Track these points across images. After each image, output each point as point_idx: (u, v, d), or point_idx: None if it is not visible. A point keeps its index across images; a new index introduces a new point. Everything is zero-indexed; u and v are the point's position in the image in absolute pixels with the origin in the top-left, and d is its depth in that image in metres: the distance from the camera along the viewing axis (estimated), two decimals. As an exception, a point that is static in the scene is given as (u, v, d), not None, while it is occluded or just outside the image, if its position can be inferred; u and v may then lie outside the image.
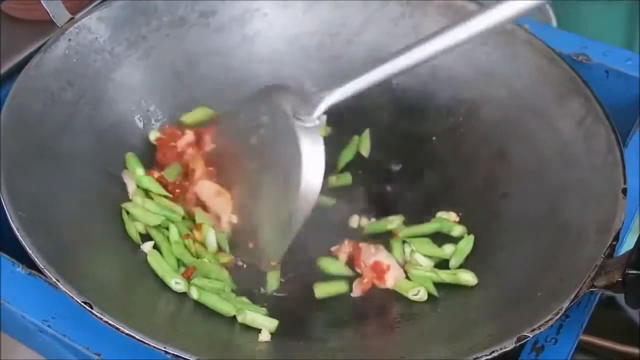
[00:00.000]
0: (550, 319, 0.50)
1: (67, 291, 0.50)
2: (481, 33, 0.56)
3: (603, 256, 0.53)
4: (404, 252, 0.65)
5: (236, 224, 0.65)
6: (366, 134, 0.74)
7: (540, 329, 0.49)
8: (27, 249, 0.52)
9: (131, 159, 0.67)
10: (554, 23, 0.98)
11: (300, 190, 0.59)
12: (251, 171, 0.65)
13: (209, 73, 0.74)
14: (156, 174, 0.66)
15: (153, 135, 0.70)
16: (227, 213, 0.65)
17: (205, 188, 0.66)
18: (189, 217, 0.65)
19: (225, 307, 0.58)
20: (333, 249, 0.66)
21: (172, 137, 0.69)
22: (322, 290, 0.63)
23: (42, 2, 0.65)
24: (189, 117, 0.72)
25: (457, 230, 0.66)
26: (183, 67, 0.73)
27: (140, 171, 0.66)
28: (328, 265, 0.65)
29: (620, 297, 0.73)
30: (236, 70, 0.74)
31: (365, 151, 0.74)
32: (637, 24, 0.98)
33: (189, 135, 0.69)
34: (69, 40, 0.66)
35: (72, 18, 0.67)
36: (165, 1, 0.71)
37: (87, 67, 0.67)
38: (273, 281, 0.63)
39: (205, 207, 0.66)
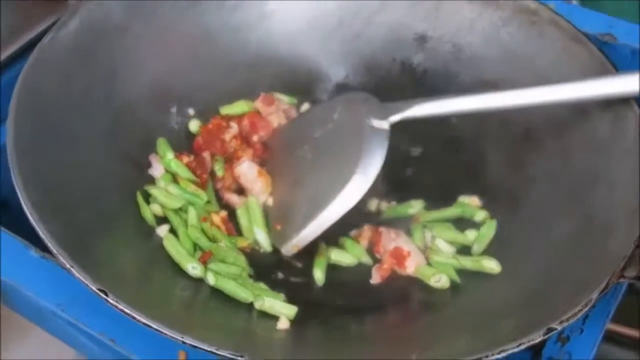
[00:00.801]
0: (579, 311, 0.48)
1: (81, 278, 0.49)
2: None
3: (633, 246, 0.51)
4: (425, 238, 0.64)
5: (270, 206, 0.65)
6: (386, 115, 0.72)
7: (568, 320, 0.48)
8: (41, 234, 0.51)
9: (162, 143, 0.66)
10: (575, 1, 0.96)
11: (350, 183, 0.58)
12: (303, 160, 0.65)
13: (225, 52, 0.72)
14: (185, 159, 0.66)
15: (194, 126, 0.70)
16: (265, 195, 0.65)
17: (247, 168, 0.66)
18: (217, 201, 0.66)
19: (243, 294, 0.57)
20: (352, 233, 0.65)
21: (217, 129, 0.69)
22: (336, 256, 0.63)
23: (55, -22, 0.64)
24: (227, 109, 0.71)
25: (480, 215, 0.64)
26: (198, 46, 0.71)
27: (170, 155, 0.65)
28: (350, 247, 0.63)
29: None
30: (253, 49, 0.73)
31: (384, 133, 0.72)
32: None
33: (234, 128, 0.69)
34: (82, 18, 0.64)
35: (86, -5, 0.65)
36: (181, -22, 0.70)
37: (101, 45, 0.66)
38: (319, 276, 0.62)
39: (242, 191, 0.67)
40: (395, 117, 0.61)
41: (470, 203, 0.65)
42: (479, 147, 0.69)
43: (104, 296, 0.48)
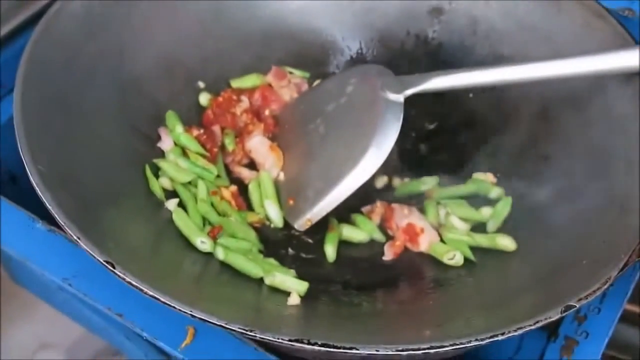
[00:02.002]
0: (598, 288, 0.47)
1: (88, 250, 0.48)
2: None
3: (652, 225, 0.50)
4: (438, 215, 0.62)
5: (282, 181, 0.64)
6: (400, 90, 0.71)
7: (587, 298, 0.47)
8: (47, 205, 0.50)
9: (171, 116, 0.65)
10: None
11: (365, 156, 0.58)
12: (315, 134, 0.64)
13: (237, 24, 0.71)
14: (195, 132, 0.65)
15: (205, 99, 0.69)
16: (276, 169, 0.65)
17: (259, 143, 0.66)
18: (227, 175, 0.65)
19: (253, 269, 0.56)
20: (364, 209, 0.63)
21: (228, 102, 0.68)
22: (348, 232, 0.62)
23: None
24: (239, 82, 0.70)
25: (495, 192, 0.63)
26: (209, 18, 0.70)
27: (179, 128, 0.64)
28: (361, 223, 0.62)
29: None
30: (265, 21, 0.72)
31: (398, 108, 0.71)
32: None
33: (245, 102, 0.68)
34: (91, -13, 0.63)
35: (94, -36, 0.64)
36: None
37: (109, 17, 0.64)
38: (330, 252, 0.61)
39: (252, 166, 0.66)
40: (411, 90, 0.60)
41: (485, 180, 0.64)
42: (495, 123, 0.67)
43: (111, 268, 0.47)
